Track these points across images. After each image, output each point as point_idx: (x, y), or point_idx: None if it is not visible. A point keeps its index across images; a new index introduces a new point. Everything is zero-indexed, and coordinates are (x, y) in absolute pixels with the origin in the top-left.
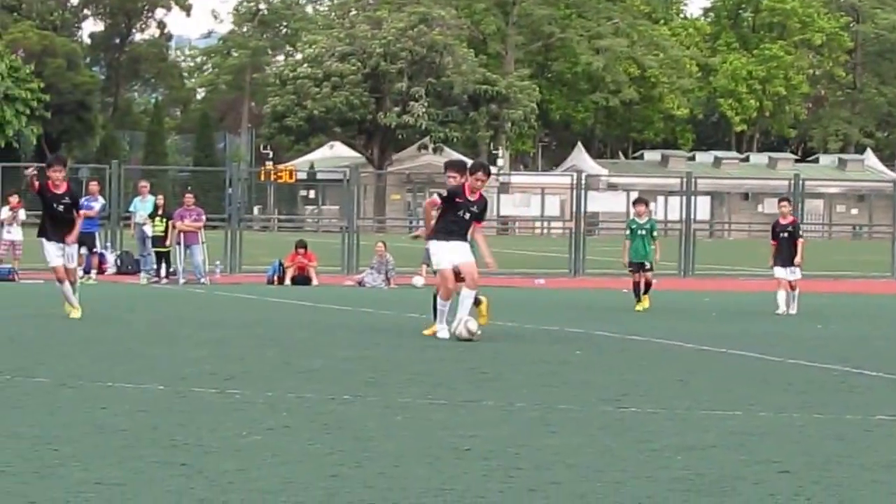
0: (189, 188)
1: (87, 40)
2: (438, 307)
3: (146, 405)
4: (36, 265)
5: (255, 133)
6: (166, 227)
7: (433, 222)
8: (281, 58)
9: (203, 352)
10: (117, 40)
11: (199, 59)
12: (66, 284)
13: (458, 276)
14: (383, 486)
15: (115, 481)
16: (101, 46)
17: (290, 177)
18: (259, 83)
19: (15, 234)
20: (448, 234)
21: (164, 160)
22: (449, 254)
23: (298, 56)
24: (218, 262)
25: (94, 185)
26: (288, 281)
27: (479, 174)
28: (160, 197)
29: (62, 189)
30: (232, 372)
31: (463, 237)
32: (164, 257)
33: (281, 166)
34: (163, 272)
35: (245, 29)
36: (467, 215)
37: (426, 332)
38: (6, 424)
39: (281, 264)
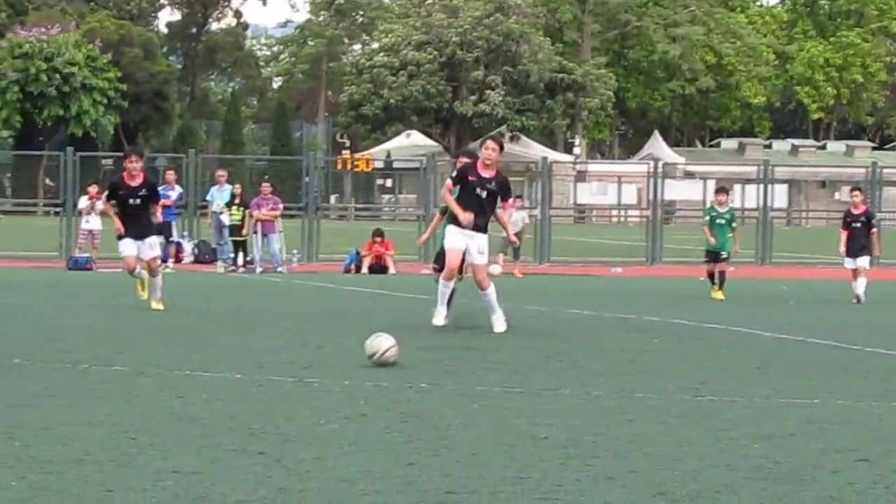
0: (266, 177)
1: (164, 30)
2: (440, 288)
3: (223, 394)
4: (114, 254)
5: (331, 122)
6: (243, 216)
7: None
8: (357, 46)
9: (280, 340)
10: (194, 29)
11: (275, 49)
12: (155, 276)
13: (463, 263)
14: (461, 475)
15: (192, 469)
16: (178, 36)
17: (367, 165)
18: (335, 72)
19: (94, 223)
20: (460, 221)
21: (241, 149)
22: (462, 237)
23: (375, 45)
24: (295, 251)
25: (170, 175)
26: (365, 269)
27: (489, 142)
28: (237, 186)
29: (139, 181)
30: (309, 360)
31: (480, 220)
32: (241, 246)
33: (357, 155)
34: (240, 261)
35: (321, 18)
36: (483, 193)
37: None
38: (84, 413)
39: (358, 253)
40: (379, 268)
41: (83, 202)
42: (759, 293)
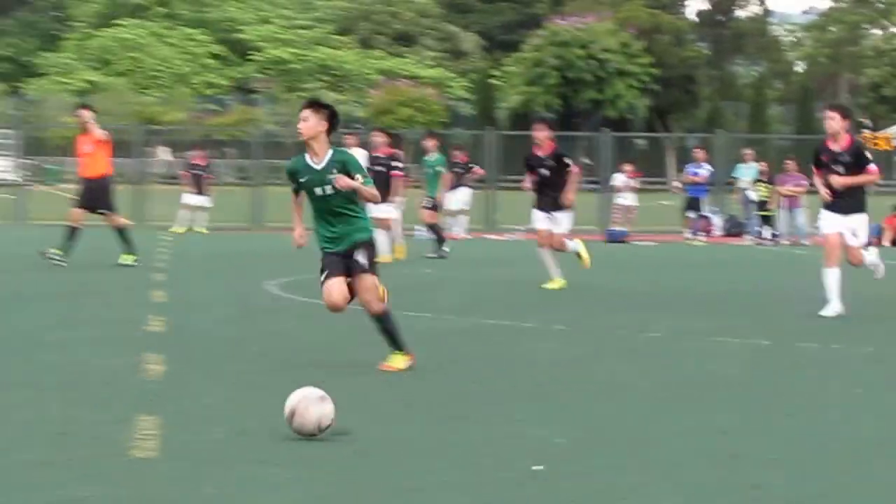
0: (790, 155)
1: (694, 18)
2: (824, 280)
3: (753, 359)
4: (650, 227)
5: (853, 103)
6: (770, 192)
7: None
8: (877, 31)
9: (803, 308)
10: (721, 18)
11: (798, 34)
12: (546, 251)
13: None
14: None
15: (724, 429)
16: (707, 23)
17: (887, 144)
18: (856, 55)
19: (629, 199)
20: (830, 201)
21: (767, 129)
22: (836, 222)
23: (894, 29)
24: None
25: (700, 153)
26: (886, 242)
27: (827, 111)
28: (763, 163)
29: (546, 151)
30: (833, 327)
31: (844, 202)
32: (767, 220)
33: (878, 133)
34: (767, 234)
35: (843, 4)
36: (840, 168)
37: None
38: (623, 373)
39: (879, 226)
40: None
41: (620, 179)
42: None
